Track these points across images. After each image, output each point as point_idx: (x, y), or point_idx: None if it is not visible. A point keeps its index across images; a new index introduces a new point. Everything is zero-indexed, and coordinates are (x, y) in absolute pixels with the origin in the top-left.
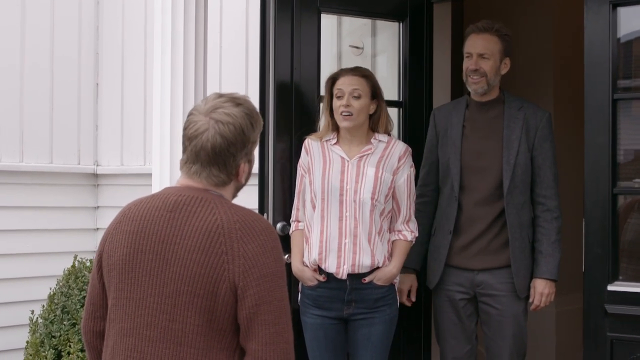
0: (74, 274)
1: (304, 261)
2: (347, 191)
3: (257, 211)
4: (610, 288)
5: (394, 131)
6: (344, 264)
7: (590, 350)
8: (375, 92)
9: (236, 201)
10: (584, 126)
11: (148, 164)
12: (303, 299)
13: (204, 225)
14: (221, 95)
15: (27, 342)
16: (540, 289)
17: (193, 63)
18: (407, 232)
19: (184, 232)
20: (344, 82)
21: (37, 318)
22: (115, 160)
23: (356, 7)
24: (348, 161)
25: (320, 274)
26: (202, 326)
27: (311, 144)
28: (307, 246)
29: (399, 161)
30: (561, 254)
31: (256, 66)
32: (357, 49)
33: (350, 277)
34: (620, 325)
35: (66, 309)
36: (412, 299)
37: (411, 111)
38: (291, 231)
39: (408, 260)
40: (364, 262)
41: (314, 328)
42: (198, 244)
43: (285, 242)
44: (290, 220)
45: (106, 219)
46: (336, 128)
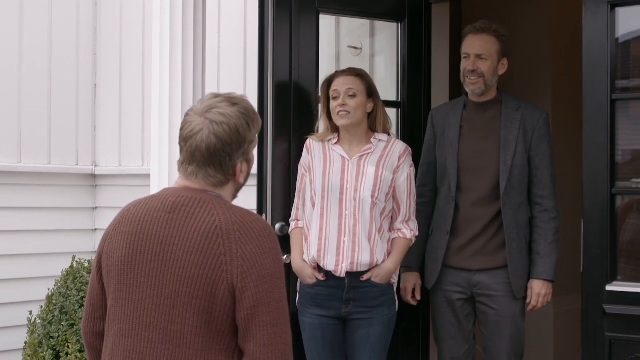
0: (72, 275)
1: (304, 259)
2: (347, 190)
3: (255, 212)
4: (609, 288)
5: (393, 131)
6: (342, 262)
7: (589, 350)
8: (371, 91)
9: (235, 202)
10: (582, 126)
11: (146, 164)
12: (301, 298)
13: (202, 226)
14: (217, 95)
15: (26, 342)
16: (537, 289)
17: (192, 64)
18: (407, 231)
19: (182, 234)
20: (338, 83)
21: (35, 319)
22: (113, 161)
23: (355, 7)
24: (348, 160)
25: (319, 272)
26: (200, 327)
27: (312, 143)
28: (306, 244)
29: (399, 160)
30: (558, 254)
31: (255, 66)
32: (355, 50)
33: (349, 276)
34: (618, 326)
35: (64, 310)
36: (418, 297)
37: (410, 111)
38: (290, 229)
39: (411, 259)
40: (363, 260)
41: (312, 328)
42: (196, 246)
43: (284, 243)
44: (290, 219)
45: (104, 220)
46: (336, 129)
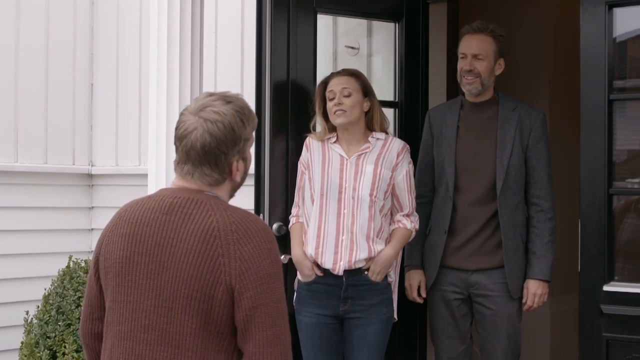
0: (68, 275)
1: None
2: (346, 189)
3: (253, 211)
4: (606, 288)
5: (390, 131)
6: (340, 260)
7: (586, 350)
8: (367, 90)
9: (232, 201)
10: (579, 126)
11: (143, 164)
12: (298, 297)
13: (199, 227)
14: (212, 94)
15: (22, 342)
16: (533, 289)
17: (189, 63)
18: (407, 222)
19: (180, 235)
20: (334, 84)
21: (31, 318)
22: (110, 160)
23: (352, 7)
24: (347, 159)
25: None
26: (199, 329)
27: (312, 141)
28: (305, 240)
29: (397, 157)
30: (555, 254)
31: (252, 66)
32: (352, 50)
33: (347, 274)
34: (616, 326)
35: (61, 310)
36: (423, 294)
37: (407, 111)
38: (290, 224)
39: (414, 257)
40: (361, 258)
41: (309, 327)
42: (194, 247)
43: (282, 243)
44: (290, 215)
45: (101, 220)
46: (334, 129)
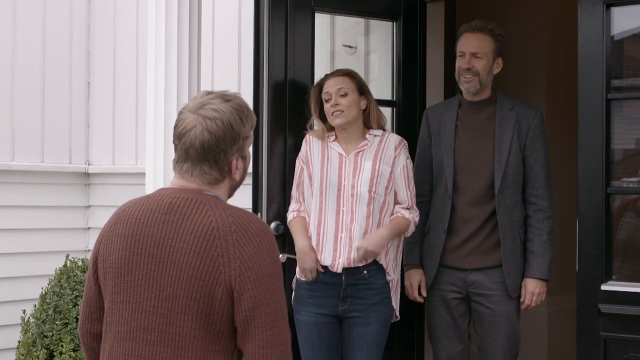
0: (65, 274)
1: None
2: (345, 186)
3: (250, 210)
4: (604, 288)
5: (388, 128)
6: (339, 257)
7: (584, 349)
8: (362, 88)
9: (230, 200)
10: (577, 126)
11: (140, 163)
12: (297, 296)
13: (199, 228)
14: (210, 93)
15: (19, 341)
16: (531, 288)
17: (187, 62)
18: (406, 212)
19: (179, 235)
20: (329, 85)
21: (28, 318)
22: (106, 159)
23: (350, 6)
24: (345, 157)
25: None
26: (199, 329)
27: (311, 138)
28: None
29: (394, 151)
30: (552, 253)
31: (249, 65)
32: (350, 49)
33: (346, 272)
34: (613, 325)
35: (58, 309)
36: (424, 294)
37: (405, 110)
38: (291, 219)
39: (414, 256)
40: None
41: (307, 327)
42: (194, 247)
43: (280, 242)
44: (288, 212)
45: (98, 219)
46: (332, 129)
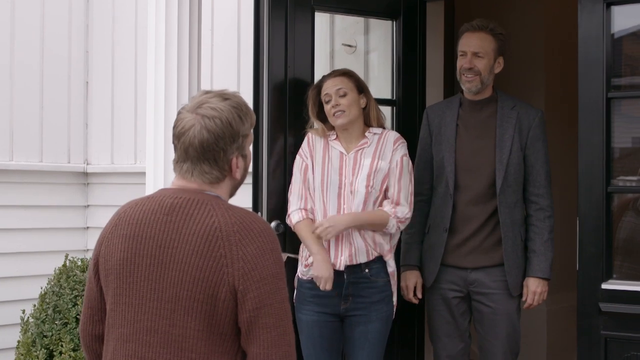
0: (65, 273)
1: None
2: (345, 185)
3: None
4: (605, 286)
5: (387, 126)
6: (341, 255)
7: (584, 348)
8: (361, 87)
9: (230, 200)
10: (576, 125)
11: (139, 162)
12: (299, 294)
13: (201, 228)
14: (208, 92)
15: (19, 341)
16: (533, 287)
17: (187, 62)
18: (388, 207)
19: (181, 236)
20: (328, 86)
21: (28, 317)
22: (105, 158)
23: (350, 5)
24: (346, 155)
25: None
26: (202, 331)
27: (313, 137)
28: None
29: (393, 146)
30: (554, 252)
31: (248, 64)
32: (350, 48)
33: (348, 270)
34: (614, 324)
35: (58, 309)
36: (419, 295)
37: (404, 110)
38: (299, 219)
39: (411, 257)
40: (360, 251)
41: (309, 326)
42: (196, 248)
43: (281, 241)
44: (293, 209)
45: (97, 218)
46: (332, 128)
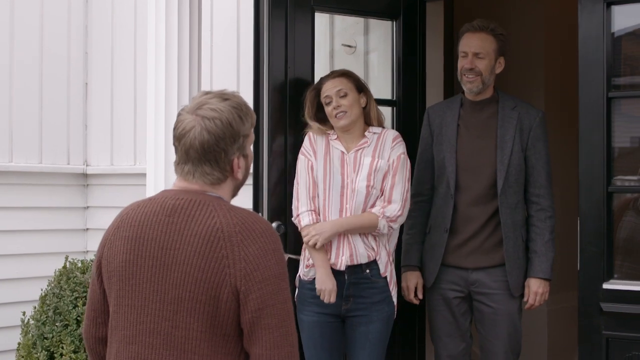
0: (65, 275)
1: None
2: (348, 184)
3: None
4: (606, 286)
5: (387, 126)
6: (342, 255)
7: (586, 349)
8: (360, 86)
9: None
10: (576, 124)
11: (138, 164)
12: (300, 295)
13: (203, 229)
14: (208, 92)
15: (19, 343)
16: (535, 288)
17: (187, 62)
18: (378, 208)
19: (183, 237)
20: (327, 88)
21: (28, 319)
22: (105, 160)
23: (350, 5)
24: (346, 154)
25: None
26: (205, 332)
27: (314, 136)
28: None
29: (391, 144)
30: (555, 253)
31: (247, 64)
32: (349, 48)
33: (349, 270)
34: (615, 324)
35: (58, 310)
36: (420, 296)
37: (405, 110)
38: (308, 222)
39: (411, 257)
40: (360, 251)
41: (310, 326)
42: (198, 249)
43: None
44: (304, 210)
45: (96, 220)
46: (331, 128)
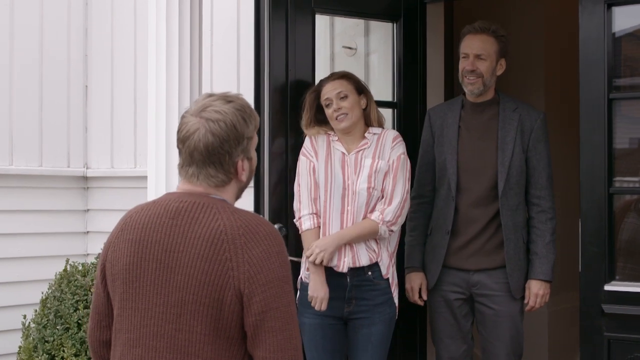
0: (66, 278)
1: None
2: (349, 186)
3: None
4: (607, 288)
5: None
6: (344, 257)
7: (587, 350)
8: (360, 88)
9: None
10: (576, 125)
11: (139, 166)
12: (302, 297)
13: (207, 232)
14: (211, 95)
15: (20, 347)
16: (535, 289)
17: (188, 64)
18: (377, 213)
19: (187, 240)
20: (327, 90)
21: (29, 322)
22: (105, 162)
23: (350, 7)
24: (347, 156)
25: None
26: (208, 335)
27: (316, 136)
28: None
29: (391, 144)
30: (556, 254)
31: (247, 65)
32: (350, 50)
33: (351, 272)
34: (617, 325)
35: (59, 313)
36: (424, 297)
37: (405, 112)
38: (309, 226)
39: (415, 259)
40: (362, 254)
41: (311, 329)
42: (202, 252)
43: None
44: (305, 213)
45: (97, 222)
46: (331, 129)
